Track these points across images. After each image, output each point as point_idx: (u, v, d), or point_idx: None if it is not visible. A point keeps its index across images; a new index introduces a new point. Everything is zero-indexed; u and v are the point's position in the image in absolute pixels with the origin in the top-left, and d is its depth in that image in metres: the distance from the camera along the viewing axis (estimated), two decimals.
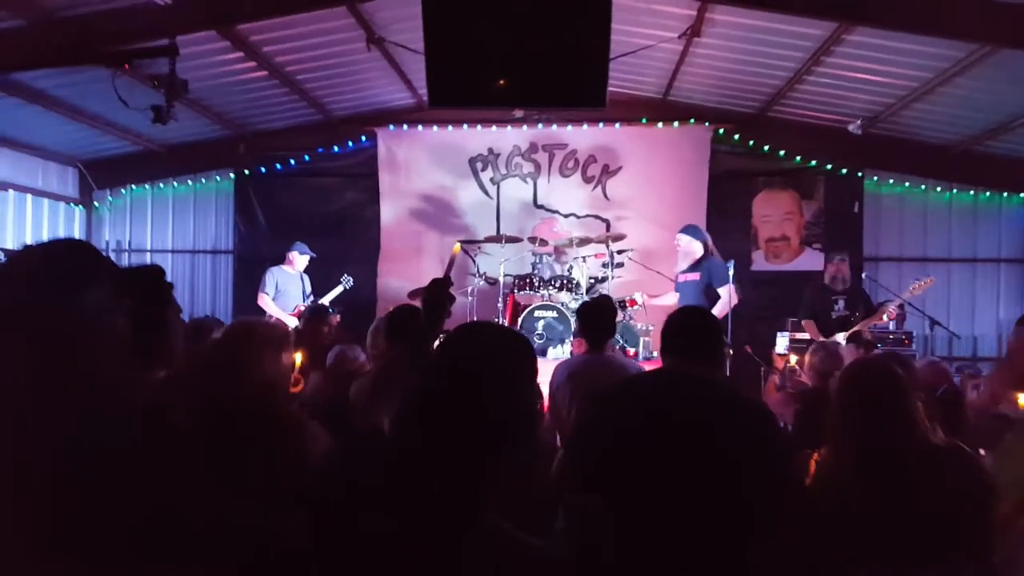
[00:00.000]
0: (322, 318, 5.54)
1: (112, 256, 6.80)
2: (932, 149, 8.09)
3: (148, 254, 9.21)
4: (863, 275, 7.62)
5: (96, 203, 9.26)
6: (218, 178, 9.15)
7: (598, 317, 3.78)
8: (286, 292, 7.28)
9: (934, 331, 6.50)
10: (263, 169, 8.91)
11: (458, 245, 3.16)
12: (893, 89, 6.87)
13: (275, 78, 7.31)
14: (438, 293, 2.24)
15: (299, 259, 7.47)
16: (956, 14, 5.14)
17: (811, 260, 8.42)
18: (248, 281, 8.87)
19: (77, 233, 8.96)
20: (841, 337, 6.04)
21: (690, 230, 6.32)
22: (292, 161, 8.89)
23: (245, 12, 5.94)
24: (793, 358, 4.67)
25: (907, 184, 8.48)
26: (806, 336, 6.46)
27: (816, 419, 3.23)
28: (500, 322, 7.22)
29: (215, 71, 6.97)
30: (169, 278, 2.00)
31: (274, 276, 7.34)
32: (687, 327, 2.41)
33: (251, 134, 8.74)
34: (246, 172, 8.96)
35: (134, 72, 5.42)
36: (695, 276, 6.14)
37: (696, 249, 6.17)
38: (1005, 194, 8.41)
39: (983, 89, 6.41)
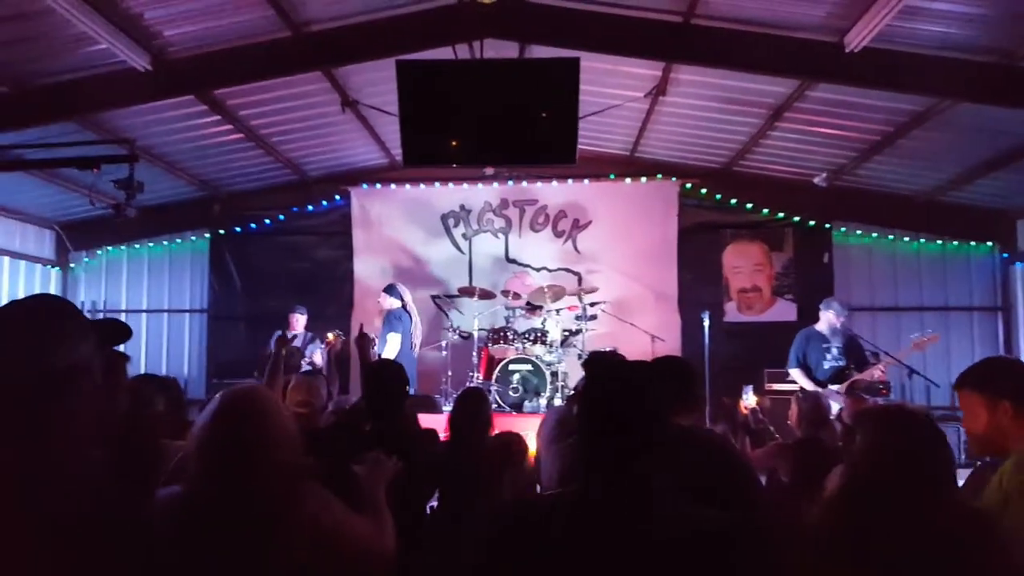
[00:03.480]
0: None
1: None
2: (897, 200, 8.24)
3: (123, 314, 9.11)
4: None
5: (72, 264, 9.22)
6: (193, 238, 9.16)
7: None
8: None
9: (912, 380, 6.49)
10: (238, 229, 8.96)
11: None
12: (854, 143, 7.04)
13: (251, 140, 7.40)
14: None
15: (299, 319, 7.58)
16: (914, 70, 5.29)
17: (783, 311, 8.49)
18: (222, 340, 8.82)
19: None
20: (835, 389, 5.80)
21: (388, 288, 6.99)
22: (267, 220, 8.95)
23: (223, 78, 6.04)
24: (752, 399, 4.40)
25: (875, 235, 8.60)
26: (784, 387, 6.43)
27: (814, 470, 3.07)
28: (475, 376, 7.19)
29: (192, 134, 7.07)
30: (142, 337, 2.00)
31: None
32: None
33: (226, 194, 8.80)
34: (221, 232, 8.99)
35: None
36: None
37: (389, 304, 6.86)
38: (972, 243, 8.52)
39: (941, 141, 6.58)
